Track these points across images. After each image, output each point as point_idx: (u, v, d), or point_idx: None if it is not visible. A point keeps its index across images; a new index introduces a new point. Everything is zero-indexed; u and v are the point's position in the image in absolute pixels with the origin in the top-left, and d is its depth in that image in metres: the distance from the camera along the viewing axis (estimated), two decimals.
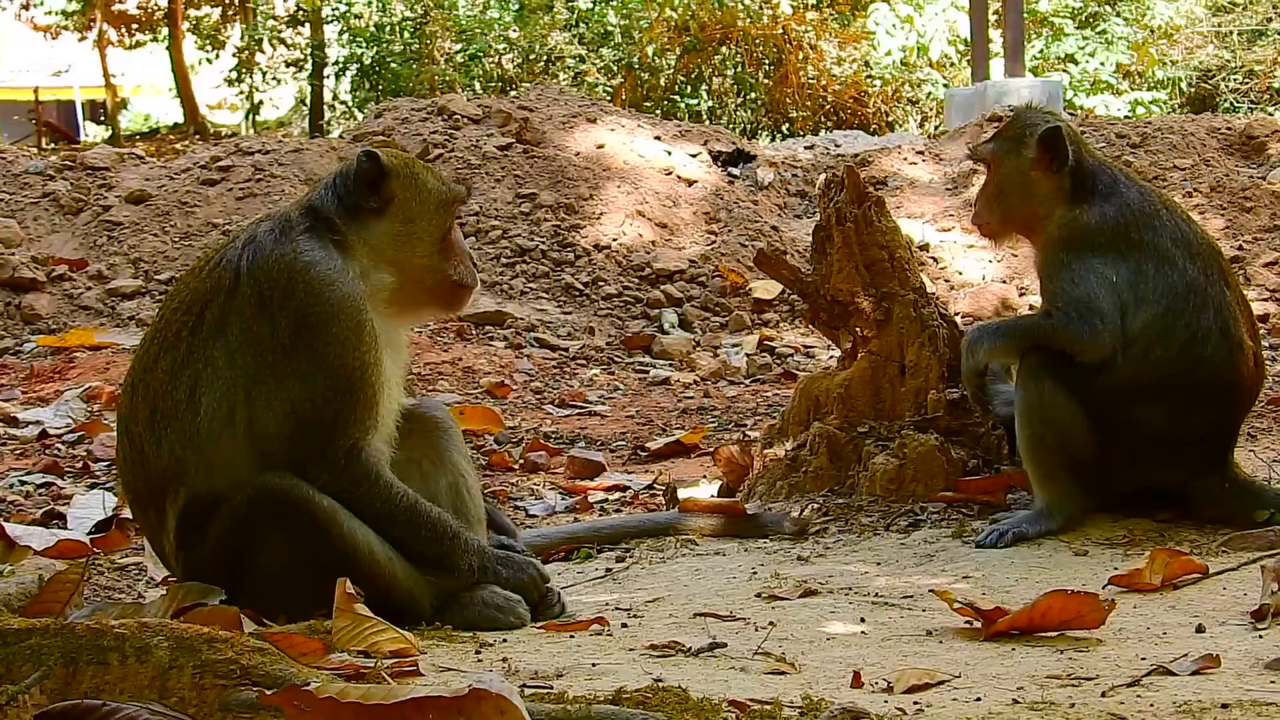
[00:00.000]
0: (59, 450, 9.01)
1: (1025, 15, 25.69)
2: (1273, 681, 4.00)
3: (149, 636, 3.42)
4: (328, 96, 38.34)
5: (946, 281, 15.27)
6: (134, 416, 4.84)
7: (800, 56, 31.74)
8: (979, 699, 3.86)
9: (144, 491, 4.88)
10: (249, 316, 4.76)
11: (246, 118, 42.18)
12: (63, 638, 3.41)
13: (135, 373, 4.89)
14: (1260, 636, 4.55)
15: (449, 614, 4.87)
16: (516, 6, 32.56)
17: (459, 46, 33.03)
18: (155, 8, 43.89)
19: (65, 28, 44.88)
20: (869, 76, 32.33)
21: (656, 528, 6.71)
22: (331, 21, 36.64)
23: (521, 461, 9.08)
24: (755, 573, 5.83)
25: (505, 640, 4.67)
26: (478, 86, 31.41)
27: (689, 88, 32.27)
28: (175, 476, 4.75)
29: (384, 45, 33.81)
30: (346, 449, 4.75)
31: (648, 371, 12.76)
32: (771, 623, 4.85)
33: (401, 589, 4.82)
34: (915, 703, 3.83)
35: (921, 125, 31.93)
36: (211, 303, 4.81)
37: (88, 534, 6.74)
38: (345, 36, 35.47)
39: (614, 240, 15.32)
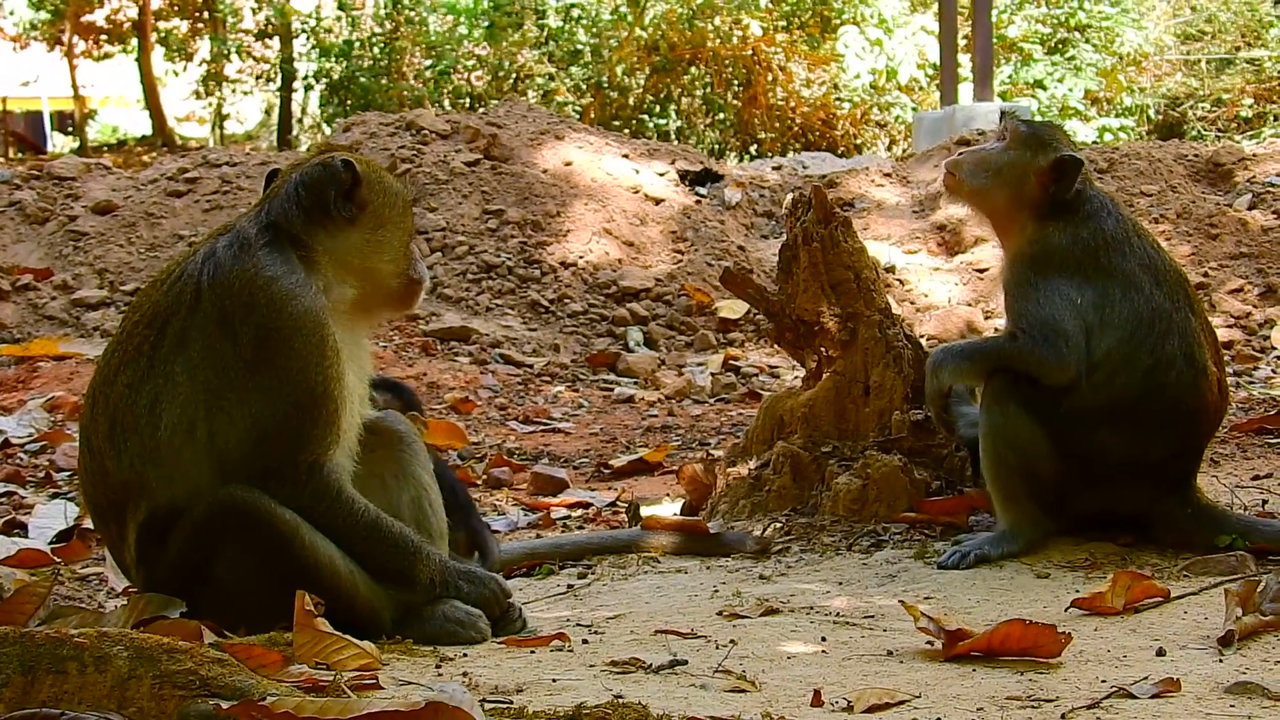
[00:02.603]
0: (21, 460, 8.98)
1: (994, 40, 25.81)
2: (1232, 705, 4.01)
3: (108, 646, 3.41)
4: (296, 111, 38.31)
5: (912, 303, 15.29)
6: (94, 429, 4.81)
7: (769, 78, 31.86)
8: (939, 719, 3.86)
9: (104, 503, 4.85)
10: (211, 332, 4.73)
11: (214, 130, 42.11)
12: (21, 646, 3.39)
13: (96, 385, 4.87)
14: (1220, 660, 4.55)
15: (410, 628, 4.86)
16: (486, 24, 32.56)
17: (428, 62, 33.03)
18: (125, 19, 43.72)
19: (34, 38, 44.67)
20: (838, 99, 32.44)
21: (619, 545, 6.71)
22: (300, 35, 36.61)
23: (485, 477, 9.09)
24: (717, 591, 5.82)
25: (466, 655, 4.66)
26: (447, 103, 31.43)
27: (658, 107, 32.36)
28: (135, 489, 4.72)
29: (353, 60, 33.79)
30: (308, 464, 4.73)
31: (612, 389, 12.76)
32: (732, 641, 4.84)
33: (362, 602, 4.80)
34: None
35: (889, 148, 32.03)
36: (173, 317, 4.77)
37: (49, 544, 6.73)
38: (315, 51, 35.43)
39: (580, 258, 15.31)
